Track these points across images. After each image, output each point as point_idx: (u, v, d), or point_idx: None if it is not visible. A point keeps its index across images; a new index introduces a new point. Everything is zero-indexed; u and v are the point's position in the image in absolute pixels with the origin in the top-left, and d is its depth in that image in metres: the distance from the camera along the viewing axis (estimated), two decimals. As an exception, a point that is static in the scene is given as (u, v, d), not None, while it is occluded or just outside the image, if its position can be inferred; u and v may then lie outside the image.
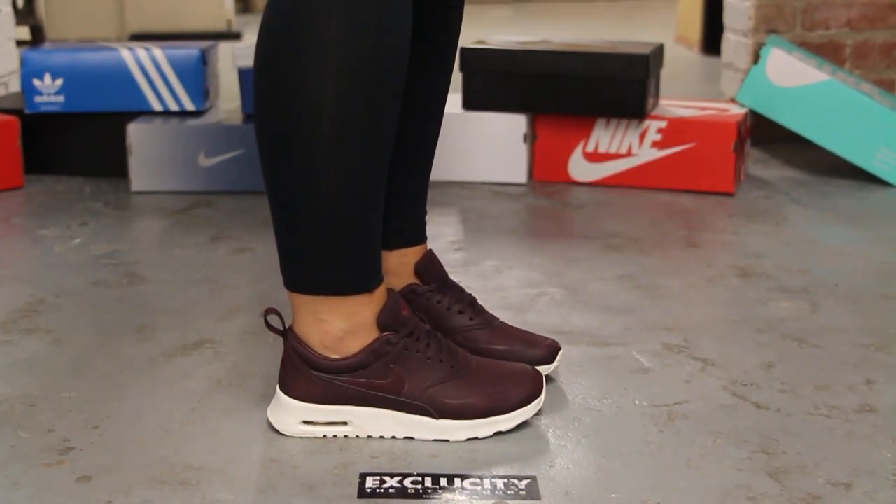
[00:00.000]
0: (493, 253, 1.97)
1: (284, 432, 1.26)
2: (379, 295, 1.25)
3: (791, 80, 2.55)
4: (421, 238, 1.44)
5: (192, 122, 2.42)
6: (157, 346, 1.53)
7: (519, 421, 1.27)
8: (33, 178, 2.50)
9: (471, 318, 1.41)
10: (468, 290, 1.45)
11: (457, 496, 1.13)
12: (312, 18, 1.14)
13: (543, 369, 1.39)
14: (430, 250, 1.43)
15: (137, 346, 1.54)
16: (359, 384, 1.24)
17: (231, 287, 1.79)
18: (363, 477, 1.17)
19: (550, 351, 1.40)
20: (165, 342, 1.55)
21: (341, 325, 1.24)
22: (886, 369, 1.46)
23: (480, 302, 1.47)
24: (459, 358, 1.28)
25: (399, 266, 1.42)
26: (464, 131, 2.46)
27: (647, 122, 2.42)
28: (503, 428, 1.26)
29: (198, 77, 2.47)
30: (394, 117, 1.20)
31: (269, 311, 1.26)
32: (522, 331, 1.43)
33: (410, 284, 1.41)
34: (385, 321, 1.24)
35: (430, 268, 1.42)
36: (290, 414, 1.26)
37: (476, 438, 1.25)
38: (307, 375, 1.25)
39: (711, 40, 4.42)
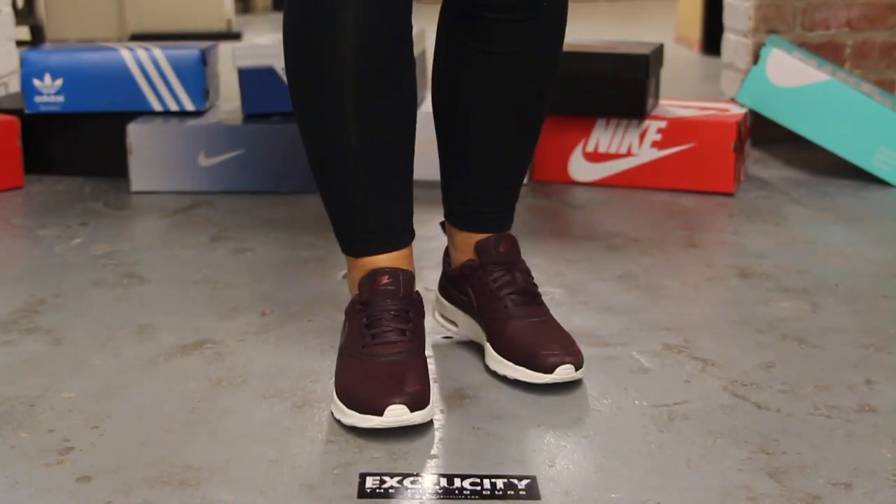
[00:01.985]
0: (493, 253, 1.97)
1: None
2: (366, 263, 1.37)
3: (791, 80, 2.55)
4: (486, 227, 1.48)
5: (192, 122, 2.42)
6: (157, 346, 1.53)
7: (347, 422, 1.26)
8: (33, 179, 2.50)
9: (514, 306, 1.43)
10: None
11: (457, 496, 1.13)
12: None
13: (537, 377, 1.37)
14: (500, 235, 1.47)
15: (137, 346, 1.54)
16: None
17: (231, 287, 1.79)
18: (363, 477, 1.17)
19: (553, 363, 1.37)
20: (165, 342, 1.55)
21: (349, 272, 1.42)
22: (886, 369, 1.46)
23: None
24: (379, 348, 1.30)
25: (464, 245, 1.49)
26: (464, 131, 2.46)
27: (647, 122, 2.42)
28: (336, 415, 1.28)
29: (198, 77, 2.47)
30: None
31: None
32: (555, 335, 1.41)
33: (468, 260, 1.48)
34: (360, 285, 1.36)
35: (488, 249, 1.46)
36: None
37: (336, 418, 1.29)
38: None
39: (711, 40, 4.42)
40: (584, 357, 1.42)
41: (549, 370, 1.36)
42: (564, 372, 1.36)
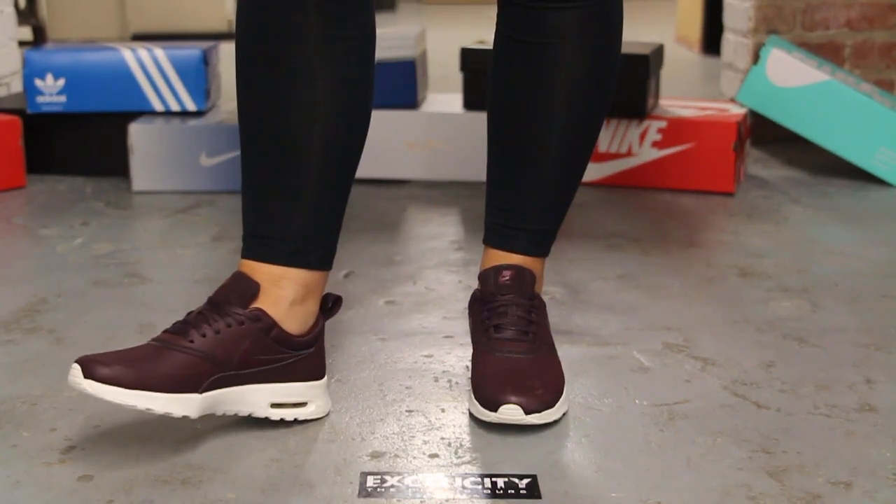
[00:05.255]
0: (493, 253, 1.97)
1: None
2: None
3: (791, 81, 2.55)
4: (496, 243, 1.39)
5: (193, 122, 2.43)
6: (159, 346, 1.53)
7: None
8: (35, 178, 2.50)
9: (497, 340, 1.33)
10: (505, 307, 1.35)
11: (457, 496, 1.14)
12: None
13: (483, 413, 1.27)
14: (507, 264, 1.37)
15: (139, 346, 1.54)
16: None
17: (232, 287, 1.79)
18: (364, 476, 1.17)
19: (496, 401, 1.26)
20: (167, 342, 1.55)
21: None
22: (886, 369, 1.46)
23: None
24: (163, 335, 1.24)
25: (481, 264, 1.41)
26: (464, 131, 2.46)
27: (647, 122, 2.42)
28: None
29: (199, 77, 2.47)
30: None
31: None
32: (520, 373, 1.29)
33: (474, 290, 1.40)
34: None
35: (487, 279, 1.37)
36: None
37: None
38: None
39: (711, 40, 4.42)
40: (585, 357, 1.42)
41: (493, 408, 1.26)
42: (508, 412, 1.24)
